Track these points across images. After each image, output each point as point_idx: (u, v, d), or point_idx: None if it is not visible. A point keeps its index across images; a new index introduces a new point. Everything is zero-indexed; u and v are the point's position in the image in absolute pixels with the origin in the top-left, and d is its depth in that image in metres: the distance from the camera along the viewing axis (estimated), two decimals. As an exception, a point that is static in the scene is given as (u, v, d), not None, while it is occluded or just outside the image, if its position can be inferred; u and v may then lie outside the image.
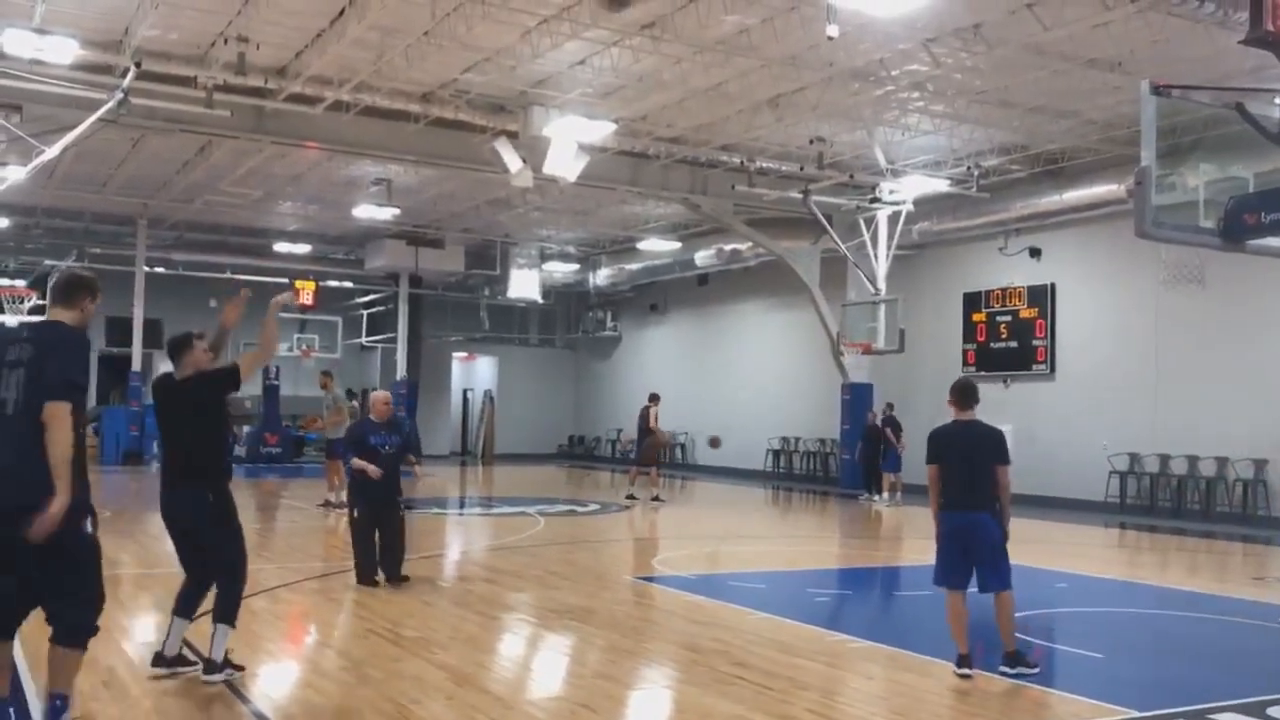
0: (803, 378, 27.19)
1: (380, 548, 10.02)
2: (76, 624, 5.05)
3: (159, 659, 6.57)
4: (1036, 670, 6.94)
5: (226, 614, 6.51)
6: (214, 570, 6.57)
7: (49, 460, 4.80)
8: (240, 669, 6.58)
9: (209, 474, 6.52)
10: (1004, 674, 6.92)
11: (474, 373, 37.57)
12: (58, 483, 4.78)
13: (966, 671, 6.97)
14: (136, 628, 8.09)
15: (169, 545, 6.76)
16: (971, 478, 7.19)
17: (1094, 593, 11.00)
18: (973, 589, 7.20)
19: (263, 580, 10.17)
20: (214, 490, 6.50)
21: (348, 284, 34.13)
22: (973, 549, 7.10)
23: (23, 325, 5.47)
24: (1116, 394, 20.18)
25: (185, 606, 6.60)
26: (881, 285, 21.43)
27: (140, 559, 11.72)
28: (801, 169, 19.81)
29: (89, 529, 5.04)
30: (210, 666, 6.46)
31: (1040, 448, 20.15)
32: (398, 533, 10.18)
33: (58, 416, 4.84)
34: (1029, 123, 17.48)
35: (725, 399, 29.81)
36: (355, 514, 10.12)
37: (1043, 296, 21.68)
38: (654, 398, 20.04)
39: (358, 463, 9.97)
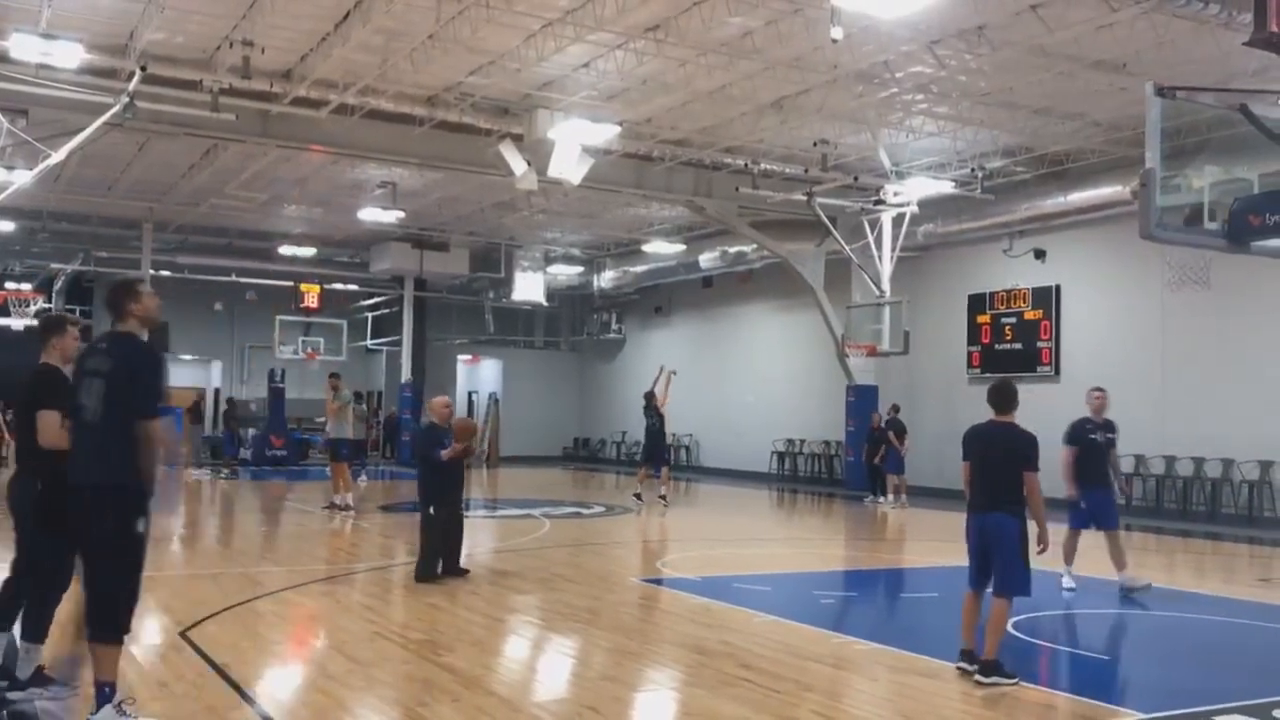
0: (807, 380, 27.18)
1: (446, 544, 10.56)
2: (96, 618, 5.37)
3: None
4: (1015, 681, 6.76)
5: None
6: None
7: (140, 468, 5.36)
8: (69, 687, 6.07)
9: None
10: (979, 683, 6.76)
11: (479, 375, 37.57)
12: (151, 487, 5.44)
13: (964, 665, 7.00)
14: (143, 630, 8.10)
15: (172, 546, 6.77)
16: (988, 479, 7.18)
17: (1100, 594, 10.99)
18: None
19: (269, 583, 10.21)
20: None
21: (353, 287, 34.19)
22: (990, 550, 7.08)
23: (102, 336, 5.70)
24: (1122, 396, 19.93)
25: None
26: (886, 287, 21.42)
27: (148, 562, 11.72)
28: (806, 171, 19.82)
29: (140, 529, 5.41)
30: (15, 684, 5.98)
31: (1045, 450, 19.99)
32: (461, 529, 10.79)
33: (150, 431, 5.39)
34: (1033, 124, 17.47)
35: (730, 401, 29.82)
36: (432, 511, 10.50)
37: (1047, 298, 21.66)
38: (650, 396, 19.56)
39: (448, 451, 10.46)
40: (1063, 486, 10.73)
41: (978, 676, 6.84)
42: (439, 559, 10.50)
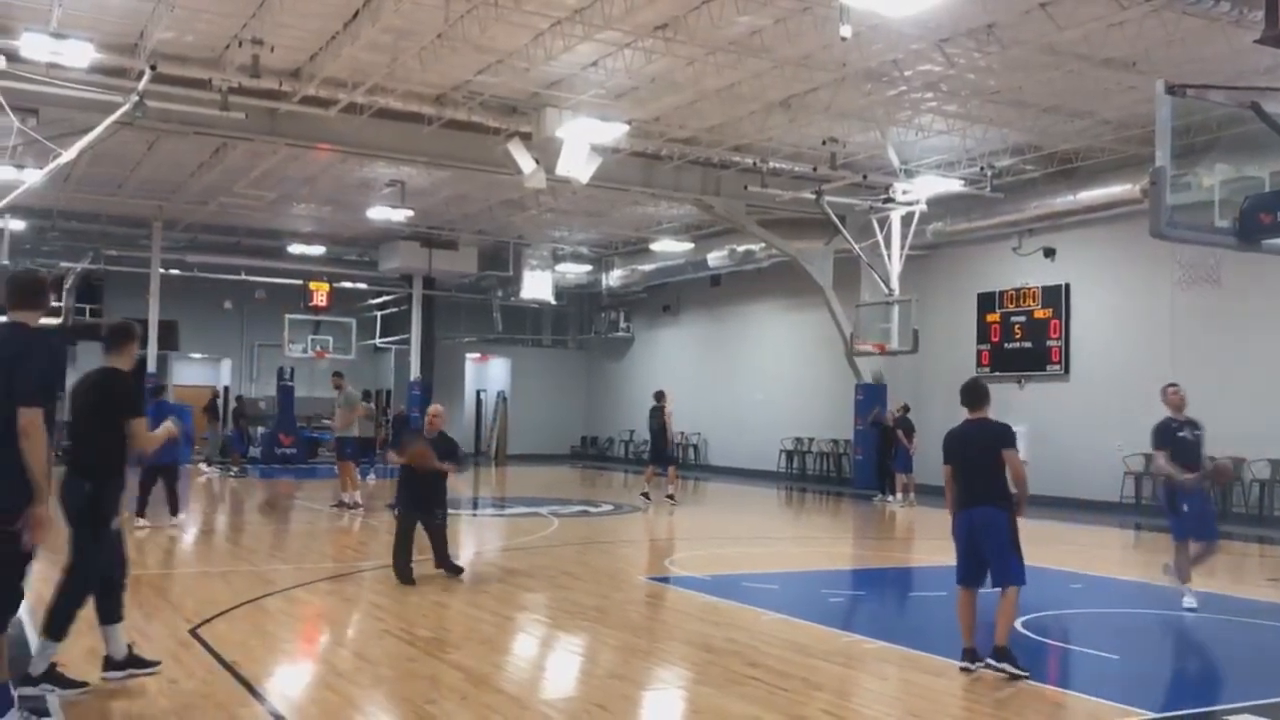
0: (816, 378, 27.15)
1: (433, 547, 10.53)
2: None
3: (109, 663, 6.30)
4: (1026, 674, 6.77)
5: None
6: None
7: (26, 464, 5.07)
8: (79, 684, 6.03)
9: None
10: (990, 666, 6.86)
11: (487, 374, 37.63)
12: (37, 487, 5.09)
13: (968, 665, 6.99)
14: (153, 628, 8.13)
15: (185, 545, 6.78)
16: (972, 475, 7.22)
17: (1109, 593, 10.97)
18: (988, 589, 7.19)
19: (278, 580, 10.24)
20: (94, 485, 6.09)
21: (361, 285, 34.26)
22: (980, 544, 7.09)
23: None
24: (1131, 394, 20.01)
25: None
26: (895, 286, 21.37)
27: (158, 560, 11.78)
28: (814, 169, 19.80)
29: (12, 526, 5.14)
30: (27, 679, 5.85)
31: (1054, 448, 20.08)
32: (441, 530, 10.63)
33: (29, 422, 5.07)
34: (1043, 123, 17.42)
35: (738, 399, 29.80)
36: (397, 512, 10.66)
37: (1057, 297, 21.61)
38: (660, 395, 19.55)
39: (392, 455, 10.63)
40: (1171, 496, 9.98)
41: (989, 660, 6.88)
42: (405, 557, 10.26)
